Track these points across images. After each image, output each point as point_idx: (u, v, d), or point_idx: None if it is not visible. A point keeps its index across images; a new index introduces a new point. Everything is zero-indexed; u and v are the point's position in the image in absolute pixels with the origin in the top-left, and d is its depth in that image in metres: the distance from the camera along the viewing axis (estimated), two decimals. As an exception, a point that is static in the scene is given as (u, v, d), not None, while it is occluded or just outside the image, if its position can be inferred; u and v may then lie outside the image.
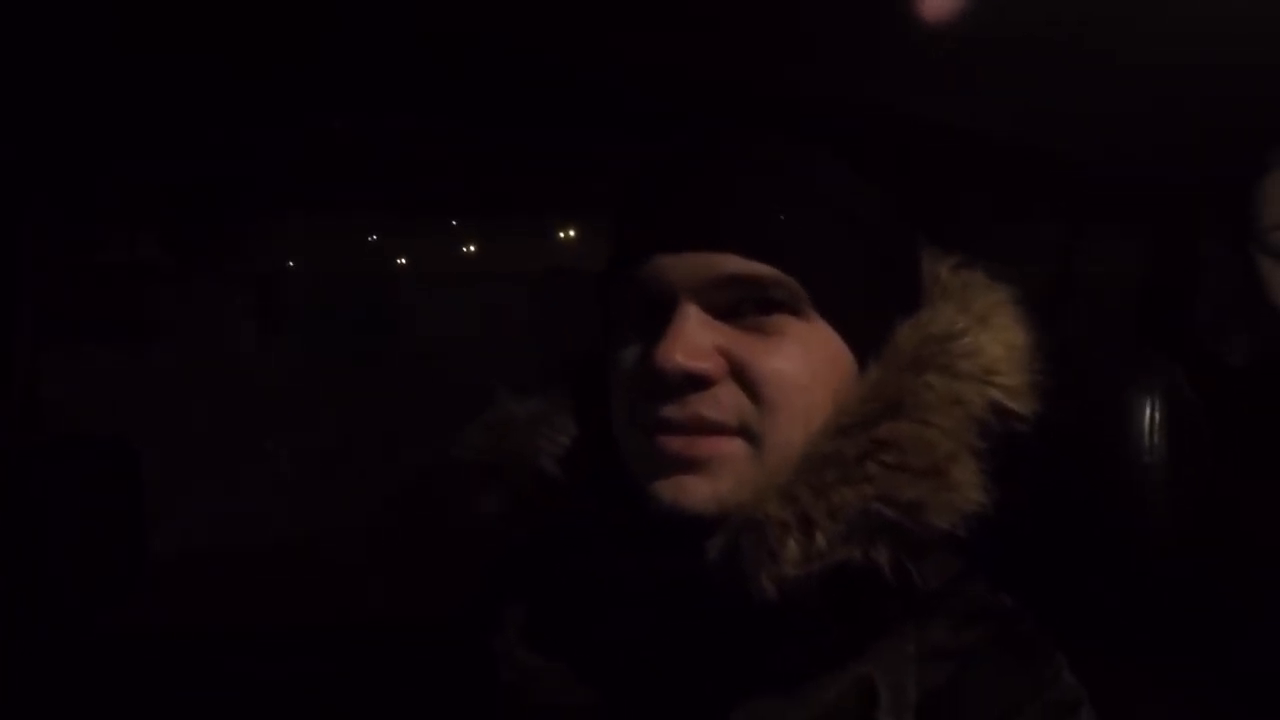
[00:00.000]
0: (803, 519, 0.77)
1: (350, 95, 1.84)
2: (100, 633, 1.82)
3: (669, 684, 0.84)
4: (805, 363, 0.82)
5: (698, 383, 0.81)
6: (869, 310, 0.86)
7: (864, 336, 0.84)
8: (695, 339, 0.81)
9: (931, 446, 0.78)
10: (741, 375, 0.81)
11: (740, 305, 0.83)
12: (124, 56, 1.60)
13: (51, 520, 1.59)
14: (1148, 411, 0.99)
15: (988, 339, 0.85)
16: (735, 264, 0.80)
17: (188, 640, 1.95)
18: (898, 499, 0.77)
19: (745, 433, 0.83)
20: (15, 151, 1.90)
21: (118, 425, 1.84)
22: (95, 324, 2.99)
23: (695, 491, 0.81)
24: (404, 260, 4.52)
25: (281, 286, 4.07)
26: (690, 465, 0.82)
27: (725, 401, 0.82)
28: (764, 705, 0.82)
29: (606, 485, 0.89)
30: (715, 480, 0.82)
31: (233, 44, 1.58)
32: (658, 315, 0.82)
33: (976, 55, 1.31)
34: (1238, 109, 1.34)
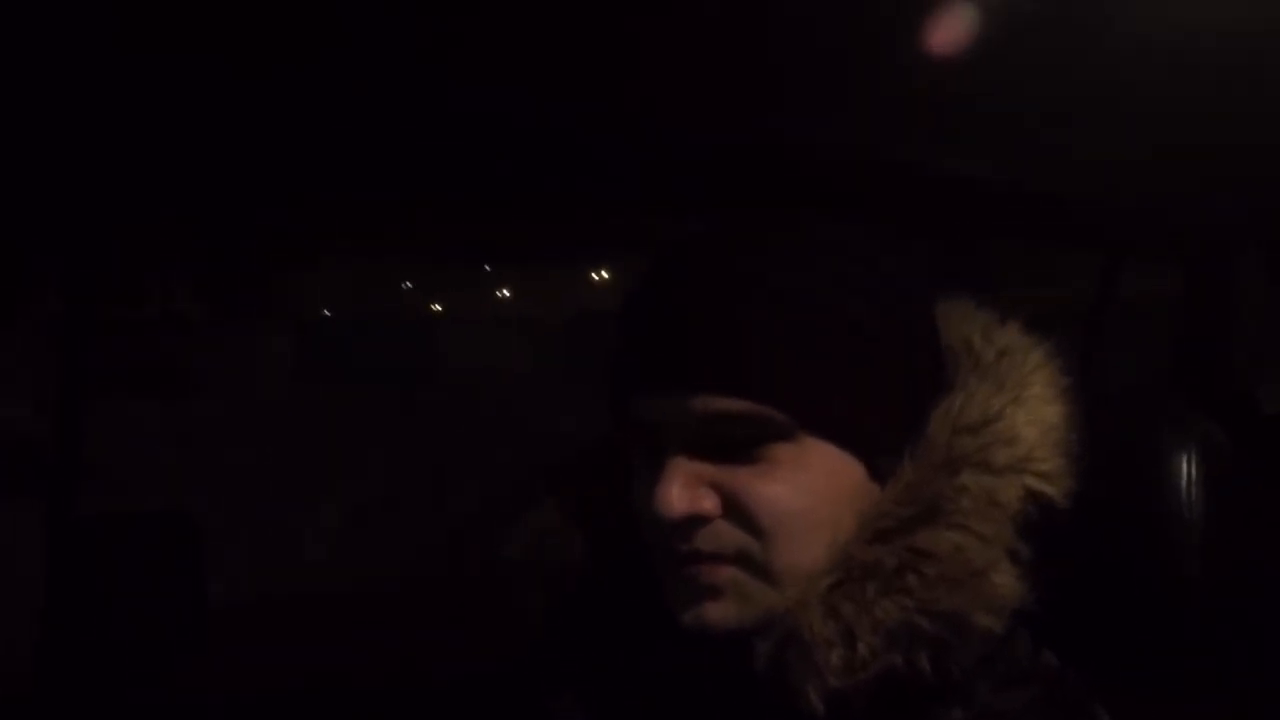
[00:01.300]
0: (846, 633, 0.78)
1: (384, 148, 1.83)
2: (163, 693, 1.81)
3: None
4: (799, 485, 0.82)
5: (694, 522, 0.82)
6: (874, 410, 0.84)
7: (873, 439, 0.84)
8: (684, 485, 0.82)
9: (970, 558, 0.78)
10: (735, 508, 0.82)
11: (728, 440, 0.83)
12: (162, 113, 1.60)
13: (115, 590, 1.60)
14: (1185, 468, 0.98)
15: (1023, 420, 0.83)
16: (710, 404, 0.81)
17: (239, 696, 1.94)
18: (937, 609, 0.77)
19: (745, 561, 0.84)
20: (56, 204, 1.91)
21: (161, 479, 1.85)
22: (135, 378, 3.00)
23: (713, 615, 0.84)
24: (439, 306, 4.53)
25: (318, 334, 4.09)
26: (704, 592, 0.84)
27: (723, 535, 0.84)
28: None
29: (643, 582, 0.89)
30: (729, 604, 0.84)
31: (271, 98, 1.57)
32: (653, 452, 0.83)
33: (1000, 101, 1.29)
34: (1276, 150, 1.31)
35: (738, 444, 0.78)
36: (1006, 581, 0.75)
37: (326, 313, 3.80)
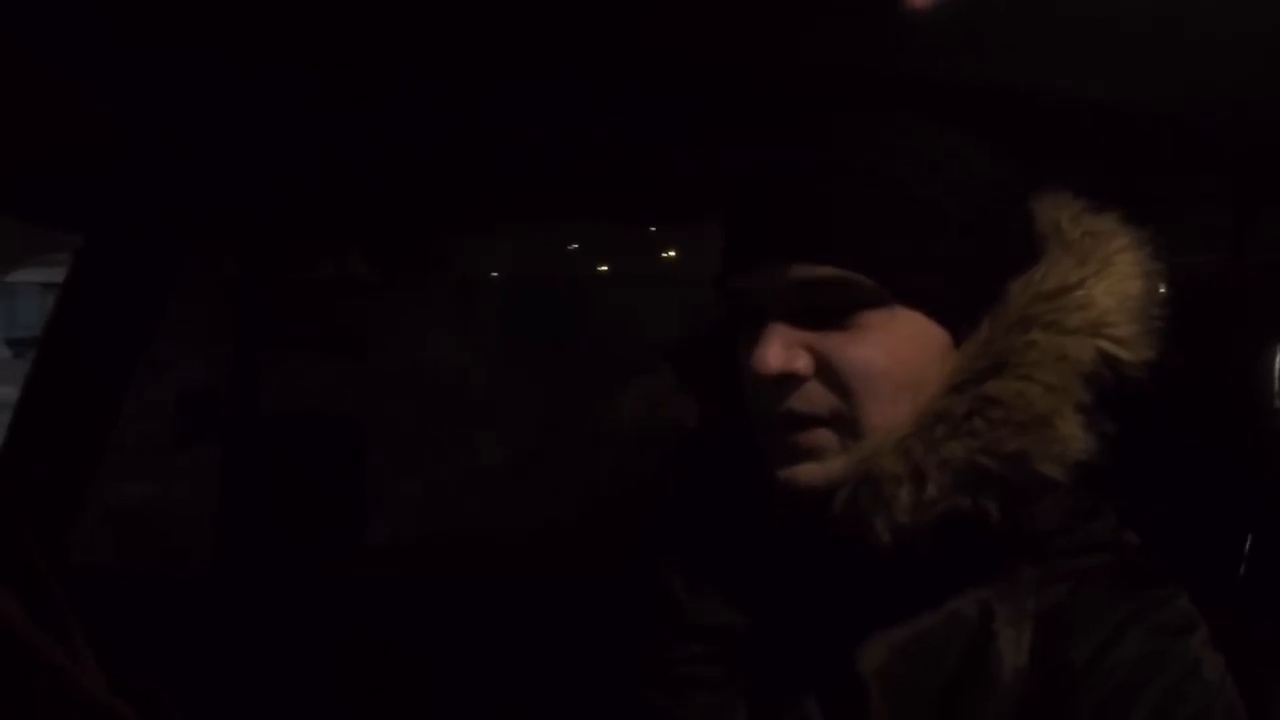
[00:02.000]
0: (914, 471, 0.87)
1: (550, 108, 1.88)
2: (322, 579, 1.98)
3: (805, 618, 0.95)
4: (887, 349, 0.91)
5: (789, 382, 0.89)
6: (958, 282, 0.90)
7: (956, 308, 0.90)
8: (780, 345, 0.89)
9: (1032, 402, 0.83)
10: (827, 370, 0.92)
11: (822, 305, 0.90)
12: (332, 89, 1.67)
13: (290, 479, 1.80)
14: (1278, 360, 1.01)
15: (1102, 290, 0.88)
16: (803, 271, 0.91)
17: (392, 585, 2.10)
18: (1000, 451, 0.84)
19: (837, 421, 0.91)
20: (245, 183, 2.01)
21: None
22: (311, 337, 3.14)
23: (803, 475, 0.92)
24: (605, 268, 4.59)
25: (485, 295, 4.18)
26: (798, 454, 0.91)
27: (815, 396, 0.91)
28: (887, 629, 0.92)
29: (745, 446, 0.98)
30: (819, 464, 0.91)
31: (435, 62, 1.62)
32: (754, 320, 0.91)
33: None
34: None
35: (830, 310, 0.89)
36: (1072, 431, 0.79)
37: (494, 274, 3.89)
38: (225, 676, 1.83)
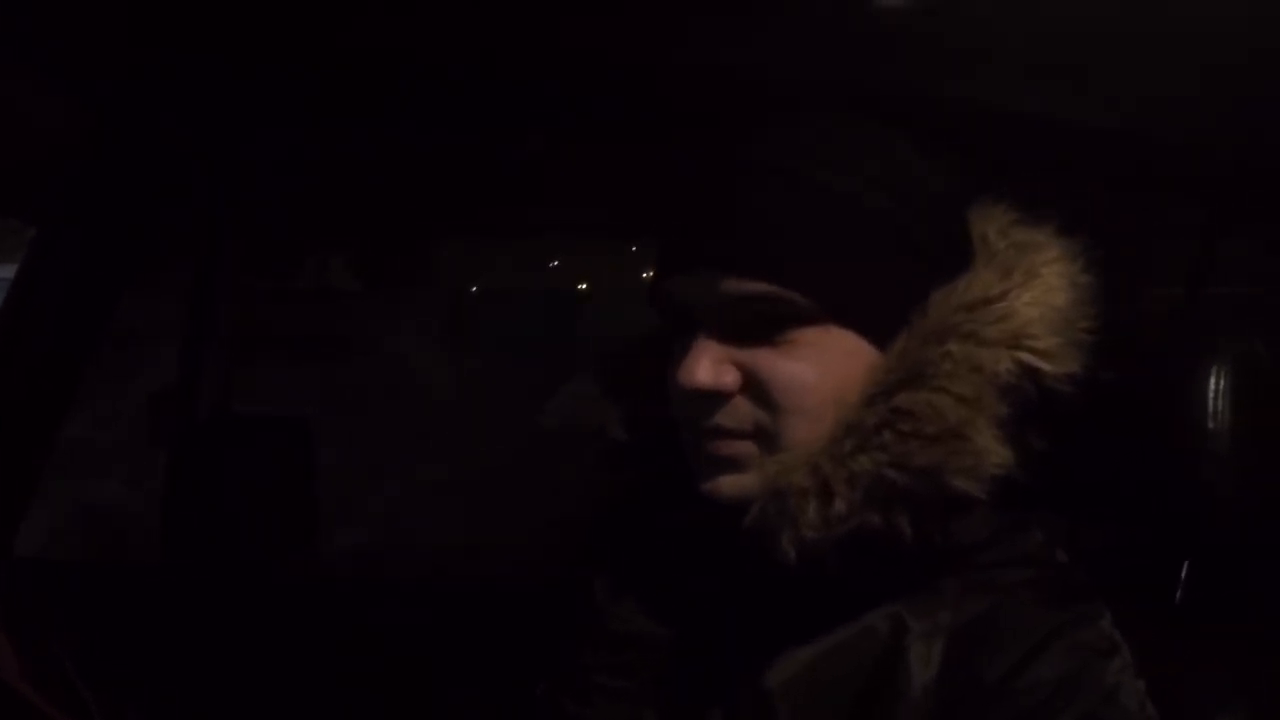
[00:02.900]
0: (822, 486, 0.85)
1: (533, 122, 1.89)
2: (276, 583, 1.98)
3: (719, 631, 0.93)
4: (817, 366, 0.89)
5: (716, 397, 0.88)
6: (892, 297, 0.89)
7: (888, 323, 0.88)
8: (708, 361, 0.87)
9: (943, 414, 0.81)
10: (755, 385, 0.90)
11: (752, 320, 0.87)
12: (311, 97, 1.68)
13: (239, 482, 1.79)
14: (1213, 378, 0.99)
15: (1025, 301, 0.87)
16: (735, 286, 0.89)
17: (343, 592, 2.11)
18: (910, 465, 0.82)
19: (761, 436, 0.88)
20: (215, 185, 2.02)
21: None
22: (286, 344, 3.14)
23: (726, 485, 0.90)
24: (585, 285, 4.59)
25: (467, 306, 4.18)
26: (721, 465, 0.90)
27: (741, 411, 0.89)
28: (797, 644, 0.89)
29: (669, 452, 0.96)
30: (742, 476, 0.89)
31: (422, 76, 1.63)
32: (685, 330, 0.90)
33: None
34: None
35: (762, 325, 0.87)
36: (986, 444, 0.79)
37: (474, 288, 3.90)
38: (164, 671, 1.84)
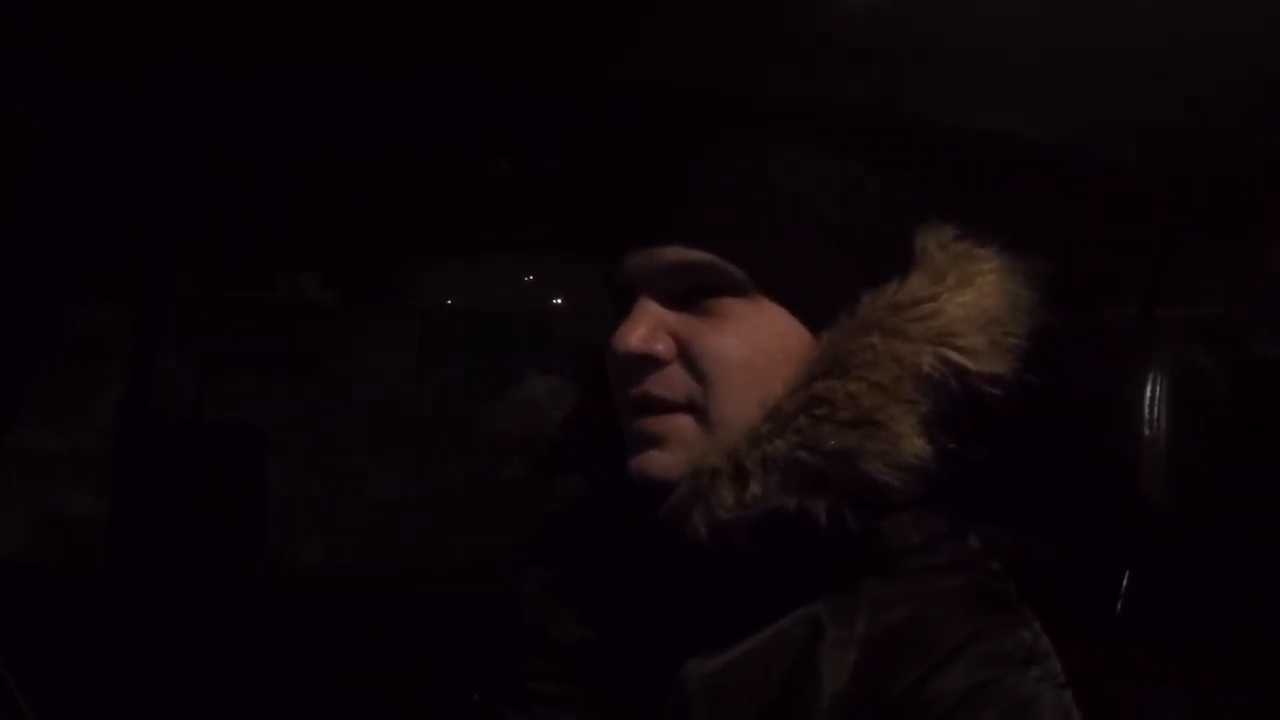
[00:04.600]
0: (737, 468, 0.82)
1: (509, 138, 1.89)
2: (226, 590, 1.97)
3: (646, 627, 0.93)
4: (747, 340, 0.90)
5: (649, 364, 0.89)
6: (827, 287, 0.90)
7: (821, 311, 0.89)
8: (645, 325, 0.89)
9: (857, 399, 0.82)
10: (688, 356, 0.91)
11: (690, 292, 0.89)
12: (290, 108, 1.68)
13: (189, 488, 1.78)
14: (1150, 385, 0.99)
15: (955, 303, 0.87)
16: (677, 254, 0.90)
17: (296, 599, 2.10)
18: (822, 447, 0.81)
19: (693, 408, 0.89)
20: (186, 203, 2.01)
21: (277, 447, 1.98)
22: (259, 358, 3.13)
23: (655, 463, 0.89)
24: (559, 300, 4.60)
25: (441, 322, 4.19)
26: (652, 441, 0.90)
27: (675, 380, 0.89)
28: (719, 646, 0.88)
29: (611, 454, 0.95)
30: (671, 453, 0.89)
31: (397, 91, 1.64)
32: (628, 306, 0.90)
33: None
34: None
35: (697, 295, 0.87)
36: (901, 430, 0.80)
37: (449, 302, 3.90)
38: (112, 680, 1.83)
